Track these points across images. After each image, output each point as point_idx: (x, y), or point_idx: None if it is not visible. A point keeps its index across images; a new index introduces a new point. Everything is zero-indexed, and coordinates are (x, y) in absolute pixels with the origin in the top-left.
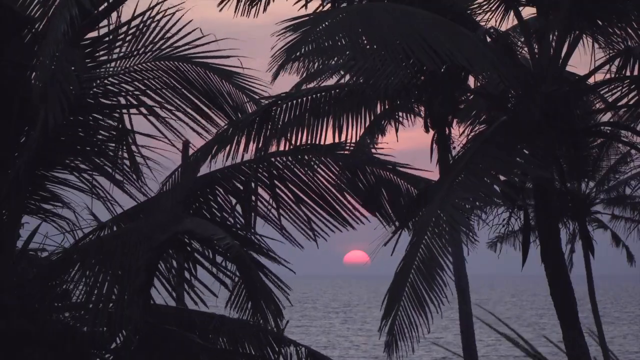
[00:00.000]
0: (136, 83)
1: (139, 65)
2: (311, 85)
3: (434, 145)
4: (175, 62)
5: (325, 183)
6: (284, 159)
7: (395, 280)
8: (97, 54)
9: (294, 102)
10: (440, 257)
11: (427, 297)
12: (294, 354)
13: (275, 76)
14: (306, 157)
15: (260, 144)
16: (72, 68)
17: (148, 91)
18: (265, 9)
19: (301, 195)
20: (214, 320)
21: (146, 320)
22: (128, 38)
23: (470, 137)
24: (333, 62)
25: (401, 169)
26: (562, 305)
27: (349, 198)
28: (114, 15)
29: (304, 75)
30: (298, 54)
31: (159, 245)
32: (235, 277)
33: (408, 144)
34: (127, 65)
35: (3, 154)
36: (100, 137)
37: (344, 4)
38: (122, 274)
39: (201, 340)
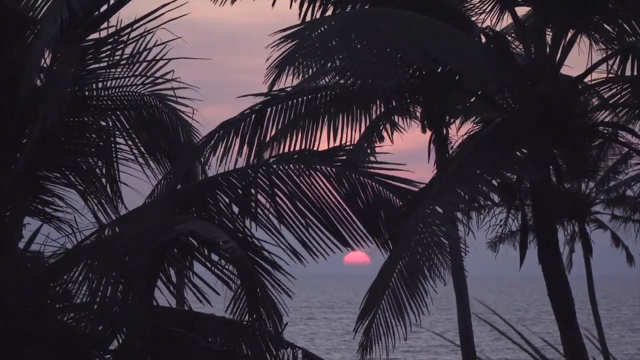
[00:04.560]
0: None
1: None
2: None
3: (432, 145)
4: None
5: (325, 198)
6: (284, 166)
7: (376, 282)
8: (99, 56)
9: (289, 103)
10: (424, 266)
11: (407, 304)
12: (291, 356)
13: (270, 87)
14: (303, 167)
15: (254, 147)
16: (72, 70)
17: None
18: None
19: (302, 208)
20: (213, 321)
21: (149, 321)
22: (122, 63)
23: (465, 136)
24: (328, 66)
25: (400, 184)
26: (560, 304)
27: (350, 215)
28: (115, 17)
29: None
30: (294, 62)
31: (161, 245)
32: (235, 280)
33: (406, 144)
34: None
35: (4, 154)
36: (94, 138)
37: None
38: (126, 275)
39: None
